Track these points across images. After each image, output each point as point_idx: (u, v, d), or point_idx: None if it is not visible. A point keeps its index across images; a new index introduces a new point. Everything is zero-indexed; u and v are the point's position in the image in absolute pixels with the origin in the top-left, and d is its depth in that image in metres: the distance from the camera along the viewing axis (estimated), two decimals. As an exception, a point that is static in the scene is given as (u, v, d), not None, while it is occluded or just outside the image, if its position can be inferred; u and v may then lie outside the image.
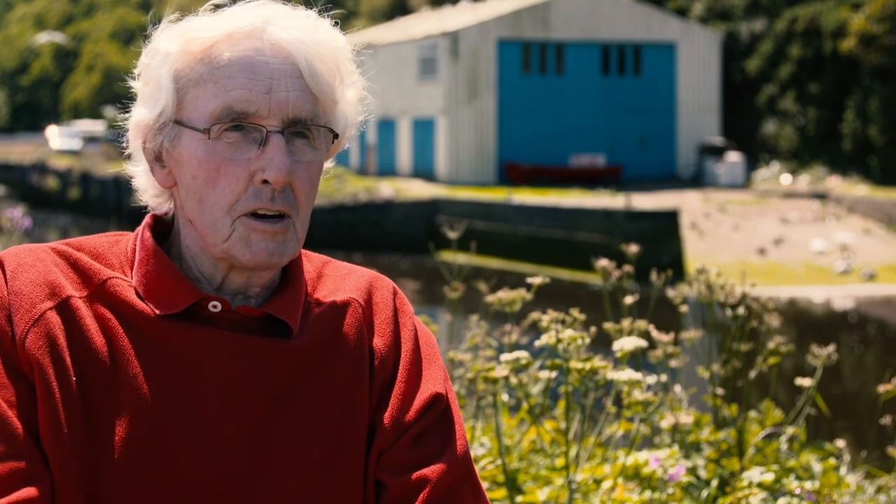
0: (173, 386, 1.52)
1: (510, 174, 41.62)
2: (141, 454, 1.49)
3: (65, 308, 1.52)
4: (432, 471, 1.58)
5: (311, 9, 1.62)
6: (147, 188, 1.63)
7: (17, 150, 67.25)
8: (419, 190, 38.08)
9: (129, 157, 1.65)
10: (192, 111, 1.54)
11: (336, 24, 1.62)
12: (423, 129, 44.16)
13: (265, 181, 1.52)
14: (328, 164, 1.66)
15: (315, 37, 1.57)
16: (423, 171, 43.46)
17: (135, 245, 1.61)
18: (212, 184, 1.53)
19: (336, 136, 1.60)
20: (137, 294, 1.56)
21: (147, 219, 1.63)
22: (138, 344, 1.52)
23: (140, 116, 1.57)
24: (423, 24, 49.15)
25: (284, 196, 1.54)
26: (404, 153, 45.37)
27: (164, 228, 1.65)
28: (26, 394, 1.47)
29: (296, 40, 1.54)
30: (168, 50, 1.55)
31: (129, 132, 1.61)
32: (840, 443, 3.98)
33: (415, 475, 1.57)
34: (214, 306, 1.56)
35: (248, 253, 1.53)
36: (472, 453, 3.55)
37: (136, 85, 1.60)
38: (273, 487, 1.54)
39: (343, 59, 1.60)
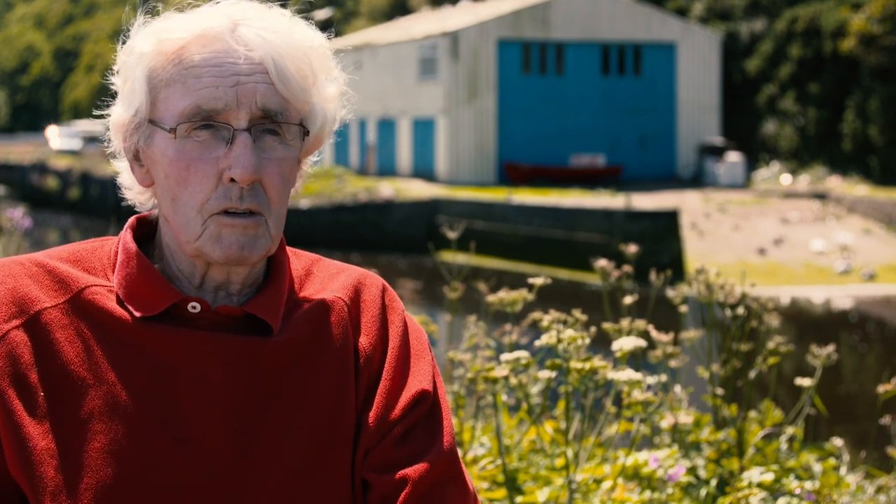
0: (153, 390, 1.51)
1: (510, 174, 41.61)
2: (122, 460, 1.48)
3: (34, 323, 1.52)
4: (416, 470, 1.57)
5: (286, 7, 1.61)
6: (131, 185, 1.63)
7: (17, 150, 67.27)
8: (419, 190, 38.07)
9: (111, 156, 1.65)
10: (163, 111, 1.54)
11: (312, 22, 1.61)
12: (423, 129, 44.15)
13: (233, 179, 1.52)
14: (312, 159, 1.66)
15: (287, 38, 1.56)
16: (423, 171, 43.45)
17: (117, 248, 1.61)
18: (183, 183, 1.53)
19: (307, 132, 1.59)
20: (118, 298, 1.56)
21: (130, 221, 1.64)
22: (116, 350, 1.52)
23: (118, 116, 1.58)
24: (423, 24, 49.14)
25: (254, 194, 1.53)
26: (404, 153, 45.36)
27: (151, 230, 1.65)
28: None
29: (265, 41, 1.53)
30: (142, 50, 1.55)
31: (110, 130, 1.61)
32: (840, 443, 3.98)
33: (399, 474, 1.56)
34: (193, 307, 1.55)
35: (218, 248, 1.53)
36: (472, 453, 3.54)
37: (115, 81, 1.60)
38: (257, 488, 1.53)
39: (318, 58, 1.58)
